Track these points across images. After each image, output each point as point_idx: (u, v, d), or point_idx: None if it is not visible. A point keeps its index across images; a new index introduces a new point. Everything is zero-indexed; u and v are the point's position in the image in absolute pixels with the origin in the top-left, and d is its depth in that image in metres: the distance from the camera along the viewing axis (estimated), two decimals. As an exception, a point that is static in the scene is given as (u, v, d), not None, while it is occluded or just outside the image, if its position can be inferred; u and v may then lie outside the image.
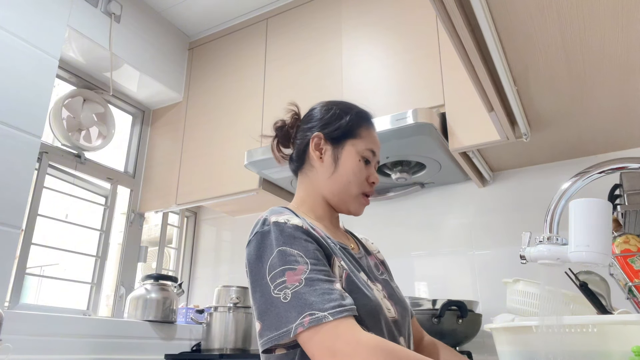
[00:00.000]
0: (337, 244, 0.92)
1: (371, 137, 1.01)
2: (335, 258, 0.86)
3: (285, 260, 0.79)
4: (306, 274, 0.77)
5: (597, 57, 1.10)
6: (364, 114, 1.04)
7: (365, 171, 0.98)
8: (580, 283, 0.97)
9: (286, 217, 0.86)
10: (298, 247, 0.81)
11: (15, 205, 1.65)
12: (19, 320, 1.55)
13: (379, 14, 1.97)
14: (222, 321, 1.98)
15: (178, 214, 2.64)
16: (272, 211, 0.89)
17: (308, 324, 0.72)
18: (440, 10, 0.86)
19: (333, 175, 0.97)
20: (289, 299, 0.75)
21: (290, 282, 0.76)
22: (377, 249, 1.14)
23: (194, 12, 2.44)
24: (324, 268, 0.80)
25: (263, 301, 0.78)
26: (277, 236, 0.82)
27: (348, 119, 1.00)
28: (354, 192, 0.97)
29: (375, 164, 1.02)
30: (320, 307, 0.73)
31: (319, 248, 0.84)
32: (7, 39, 1.72)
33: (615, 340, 0.73)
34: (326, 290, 0.76)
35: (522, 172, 1.89)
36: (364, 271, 0.93)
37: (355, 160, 0.97)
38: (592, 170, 0.82)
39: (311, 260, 0.80)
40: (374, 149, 1.00)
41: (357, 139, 0.99)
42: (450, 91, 1.67)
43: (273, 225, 0.84)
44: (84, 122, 2.19)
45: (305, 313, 0.73)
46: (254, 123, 2.18)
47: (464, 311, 1.53)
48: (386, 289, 0.95)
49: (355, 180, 0.96)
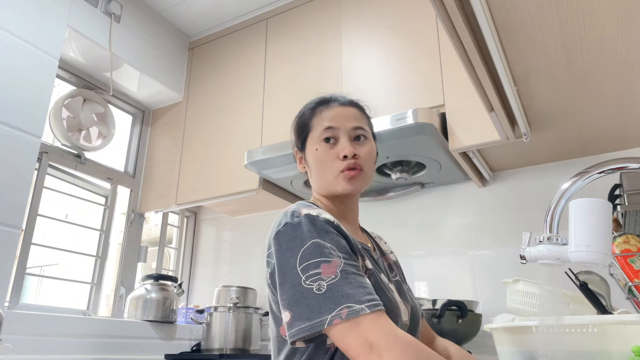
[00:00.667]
0: (358, 244, 0.92)
1: (324, 118, 0.98)
2: (360, 257, 0.87)
3: (320, 252, 0.78)
4: (341, 267, 0.77)
5: (597, 57, 1.10)
6: (315, 102, 1.03)
7: (333, 151, 0.95)
8: (580, 283, 0.97)
9: (318, 211, 0.86)
10: (330, 240, 0.81)
11: (15, 205, 1.65)
12: (19, 320, 1.55)
13: (379, 14, 1.97)
14: (222, 321, 1.98)
15: (178, 214, 2.64)
16: (301, 204, 0.89)
17: (346, 316, 0.72)
18: (440, 10, 0.86)
19: (313, 176, 0.99)
20: (324, 290, 0.75)
21: (326, 275, 0.76)
22: (390, 249, 1.13)
23: (194, 12, 2.44)
24: (355, 263, 0.81)
25: (293, 292, 0.77)
26: (310, 228, 0.81)
27: (300, 121, 1.02)
28: (330, 177, 0.95)
29: (347, 135, 0.96)
30: (357, 300, 0.73)
31: (349, 245, 0.84)
32: (7, 39, 1.72)
33: (615, 340, 0.73)
34: (361, 283, 0.77)
35: (522, 172, 1.88)
36: (383, 272, 0.94)
37: (313, 151, 0.97)
38: (592, 170, 0.82)
39: (344, 254, 0.80)
40: (329, 124, 0.96)
41: (311, 132, 0.99)
42: (450, 91, 1.67)
43: (305, 218, 0.83)
44: (84, 122, 2.19)
45: (342, 305, 0.73)
46: (254, 123, 2.18)
47: (464, 311, 1.53)
48: (399, 292, 0.95)
49: (325, 165, 0.95)
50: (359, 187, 0.96)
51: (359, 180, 0.95)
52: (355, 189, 0.95)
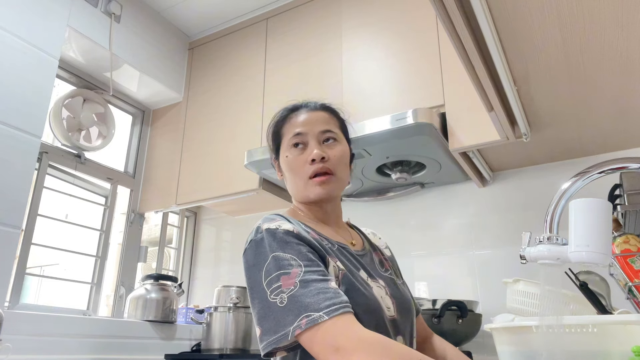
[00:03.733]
0: (335, 244, 0.92)
1: (293, 124, 0.98)
2: (330, 259, 0.87)
3: (279, 265, 0.80)
4: (300, 277, 0.78)
5: (597, 57, 1.10)
6: (285, 111, 1.04)
7: (302, 156, 0.95)
8: (580, 283, 0.97)
9: (278, 224, 0.87)
10: (290, 251, 0.82)
11: (15, 205, 1.65)
12: (19, 320, 1.55)
13: (379, 14, 1.97)
14: (222, 321, 1.98)
15: (178, 214, 2.64)
16: (264, 219, 0.90)
17: (305, 326, 0.73)
18: (440, 10, 0.86)
19: (288, 183, 1.00)
20: (285, 302, 0.76)
21: (286, 287, 0.78)
22: (385, 244, 1.13)
23: (194, 12, 2.44)
24: (317, 268, 0.81)
25: (261, 307, 0.80)
26: (270, 242, 0.83)
27: (273, 130, 1.03)
28: (301, 183, 0.95)
29: (317, 139, 0.96)
30: (315, 308, 0.74)
31: (311, 250, 0.85)
32: (7, 39, 1.72)
33: (615, 340, 0.73)
34: (321, 289, 0.77)
35: (522, 172, 1.88)
36: (364, 269, 0.93)
37: (284, 158, 0.98)
38: (592, 170, 0.81)
39: (304, 262, 0.81)
40: (296, 130, 0.96)
41: (283, 139, 1.00)
42: (450, 91, 1.67)
43: (266, 232, 0.85)
44: (84, 122, 2.19)
45: (301, 315, 0.74)
46: (254, 123, 2.18)
47: (464, 311, 1.53)
48: (389, 286, 0.95)
49: (296, 173, 0.96)
50: (331, 191, 0.95)
51: (330, 184, 0.94)
52: (327, 193, 0.94)
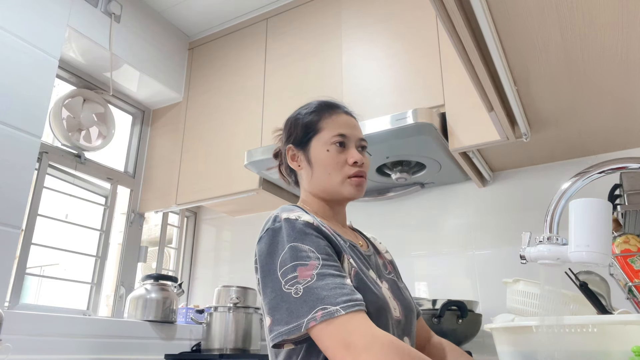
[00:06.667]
0: (347, 242, 0.93)
1: (336, 123, 1.00)
2: (345, 255, 0.87)
3: (297, 255, 0.80)
4: (318, 269, 0.78)
5: (597, 57, 1.10)
6: (322, 105, 1.04)
7: (342, 155, 0.98)
8: (580, 283, 0.97)
9: (297, 214, 0.87)
10: (309, 242, 0.82)
11: (15, 205, 1.65)
12: (19, 320, 1.55)
13: (379, 14, 1.97)
14: (222, 321, 1.98)
15: (178, 214, 2.64)
16: (283, 209, 0.90)
17: (320, 318, 0.73)
18: (440, 10, 0.86)
19: (313, 175, 1.00)
20: (301, 293, 0.76)
21: (302, 278, 0.77)
22: (385, 248, 1.14)
23: (194, 12, 2.44)
24: (335, 263, 0.81)
25: (274, 296, 0.79)
26: (289, 232, 0.83)
27: (305, 120, 1.03)
28: (338, 180, 0.97)
29: (355, 144, 1.00)
30: (332, 302, 0.74)
31: (329, 244, 0.85)
32: (7, 39, 1.72)
33: (615, 340, 0.73)
34: (338, 284, 0.77)
35: (522, 172, 1.89)
36: (372, 269, 0.94)
37: (323, 152, 0.98)
38: (592, 170, 0.81)
39: (322, 255, 0.80)
40: (343, 132, 0.99)
41: (320, 133, 1.00)
42: (450, 91, 1.67)
43: (284, 222, 0.85)
44: (84, 122, 2.19)
45: (317, 307, 0.74)
46: (254, 123, 2.18)
47: (464, 311, 1.53)
48: (393, 289, 0.96)
49: (333, 169, 0.97)
50: (362, 194, 1.00)
51: (363, 187, 1.00)
52: (360, 194, 0.99)
